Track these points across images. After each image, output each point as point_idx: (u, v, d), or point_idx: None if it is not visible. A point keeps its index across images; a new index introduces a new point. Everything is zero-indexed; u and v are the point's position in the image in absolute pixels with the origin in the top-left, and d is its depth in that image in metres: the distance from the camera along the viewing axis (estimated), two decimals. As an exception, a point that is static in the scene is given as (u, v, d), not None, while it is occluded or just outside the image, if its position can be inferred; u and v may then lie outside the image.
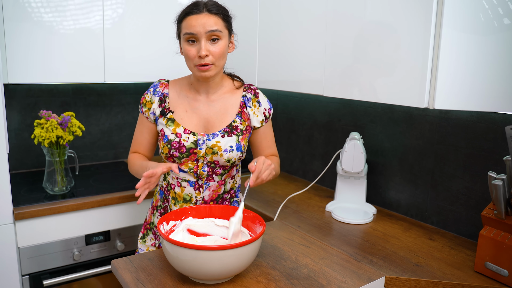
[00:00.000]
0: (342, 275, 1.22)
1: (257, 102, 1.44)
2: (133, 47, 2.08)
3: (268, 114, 1.46)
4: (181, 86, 1.44)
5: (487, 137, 1.45)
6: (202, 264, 1.05)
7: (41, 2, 1.82)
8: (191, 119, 1.39)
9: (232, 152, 1.37)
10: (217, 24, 1.29)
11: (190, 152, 1.36)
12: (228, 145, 1.36)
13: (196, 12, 1.29)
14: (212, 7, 1.30)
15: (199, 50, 1.28)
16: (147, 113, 1.42)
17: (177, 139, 1.35)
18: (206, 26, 1.27)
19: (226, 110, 1.41)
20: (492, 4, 1.15)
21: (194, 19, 1.28)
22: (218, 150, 1.36)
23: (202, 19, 1.28)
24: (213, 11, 1.29)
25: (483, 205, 1.48)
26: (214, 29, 1.28)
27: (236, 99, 1.43)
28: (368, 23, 1.41)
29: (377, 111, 1.82)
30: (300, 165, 2.28)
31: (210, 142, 1.36)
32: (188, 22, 1.29)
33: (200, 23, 1.27)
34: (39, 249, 1.77)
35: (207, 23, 1.27)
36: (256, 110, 1.44)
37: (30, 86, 2.21)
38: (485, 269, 1.26)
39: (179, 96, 1.42)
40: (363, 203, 1.79)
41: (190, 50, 1.30)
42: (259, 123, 1.44)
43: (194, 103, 1.41)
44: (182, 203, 1.41)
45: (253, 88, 1.46)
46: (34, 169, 2.29)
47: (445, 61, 1.21)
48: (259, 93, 1.46)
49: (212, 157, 1.36)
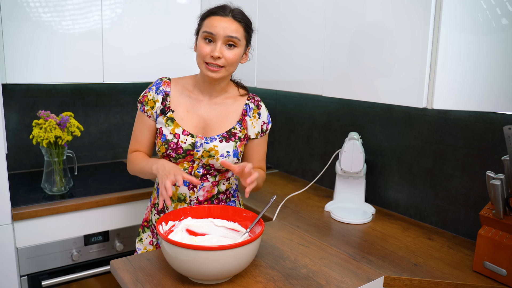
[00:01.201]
0: (341, 275, 1.22)
1: (257, 113, 1.45)
2: (132, 47, 2.07)
3: (265, 128, 1.47)
4: (184, 86, 1.43)
5: (485, 137, 1.46)
6: (201, 264, 1.05)
7: (39, 2, 1.82)
8: (191, 120, 1.39)
9: (229, 158, 1.37)
10: (238, 32, 1.30)
11: (187, 154, 1.36)
12: (225, 150, 1.37)
13: (221, 14, 1.30)
14: (237, 15, 1.31)
15: (213, 50, 1.29)
16: (149, 111, 1.40)
17: (175, 140, 1.35)
18: (227, 30, 1.28)
19: (227, 115, 1.41)
20: (490, 4, 1.15)
21: (217, 20, 1.29)
22: (215, 154, 1.36)
23: (225, 23, 1.29)
24: (237, 18, 1.31)
25: (481, 204, 1.48)
26: (234, 35, 1.29)
27: (238, 106, 1.44)
28: (367, 23, 1.41)
29: (376, 111, 1.82)
30: (299, 165, 2.28)
31: (207, 146, 1.36)
32: (211, 22, 1.30)
33: (222, 26, 1.28)
34: (37, 249, 1.77)
35: (228, 27, 1.29)
36: (255, 121, 1.44)
37: (28, 86, 2.20)
38: (483, 268, 1.26)
39: (181, 95, 1.41)
40: (362, 203, 1.79)
41: (204, 47, 1.30)
42: (254, 134, 1.45)
43: (195, 104, 1.41)
44: (176, 203, 1.41)
45: (257, 99, 1.47)
46: (33, 169, 2.28)
47: (443, 61, 1.21)
48: (262, 106, 1.47)
49: (208, 160, 1.36)
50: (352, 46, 1.47)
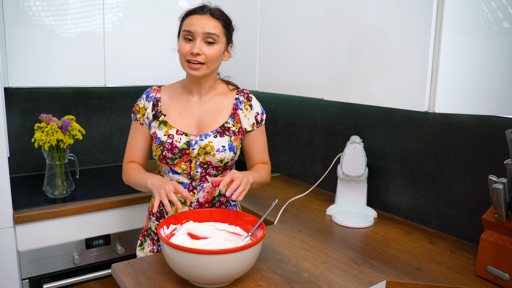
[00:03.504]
0: (343, 279, 1.22)
1: (249, 105, 1.46)
2: (133, 50, 2.08)
3: (260, 119, 1.48)
4: (174, 90, 1.46)
5: (487, 141, 1.45)
6: (202, 268, 1.05)
7: (41, 5, 1.83)
8: (183, 120, 1.41)
9: (225, 152, 1.38)
10: (216, 28, 1.33)
11: (183, 153, 1.36)
12: (221, 145, 1.38)
13: (199, 13, 1.33)
14: (215, 12, 1.35)
15: (192, 48, 1.31)
16: (141, 119, 1.43)
17: (170, 140, 1.36)
18: (205, 28, 1.31)
19: (218, 111, 1.43)
20: (491, 8, 1.15)
21: (196, 18, 1.33)
22: (210, 150, 1.36)
23: (203, 20, 1.32)
24: (215, 16, 1.34)
25: (484, 208, 1.48)
26: (212, 32, 1.32)
27: (229, 101, 1.45)
28: (368, 27, 1.42)
29: (378, 114, 1.82)
30: (301, 168, 2.28)
31: (202, 142, 1.37)
32: (189, 21, 1.33)
33: (200, 23, 1.31)
34: (39, 253, 1.77)
35: (206, 24, 1.32)
36: (248, 113, 1.45)
37: (30, 90, 2.21)
38: (486, 273, 1.26)
39: (172, 99, 1.44)
40: (363, 206, 1.78)
41: (184, 46, 1.33)
42: (250, 126, 1.46)
43: (186, 104, 1.43)
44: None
45: (246, 92, 1.48)
46: (35, 172, 2.28)
47: (445, 64, 1.21)
48: (252, 97, 1.49)
49: (204, 158, 1.37)
50: (353, 50, 1.47)
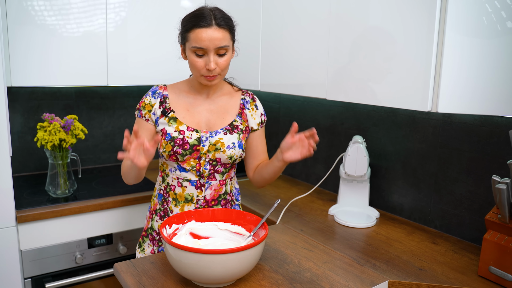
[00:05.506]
0: (345, 279, 1.22)
1: (254, 105, 1.50)
2: (136, 50, 2.08)
3: (263, 119, 1.52)
4: (180, 89, 1.46)
5: (490, 141, 1.45)
6: (205, 267, 1.05)
7: (44, 5, 1.83)
8: (193, 118, 1.41)
9: (235, 149, 1.39)
10: (225, 39, 1.30)
11: (193, 149, 1.36)
12: (231, 142, 1.39)
13: (204, 26, 1.27)
14: (220, 21, 1.29)
15: (207, 63, 1.30)
16: (147, 115, 1.41)
17: (181, 136, 1.36)
18: (215, 42, 1.28)
19: (226, 110, 1.45)
20: (495, 8, 1.15)
21: (204, 32, 1.27)
22: (221, 147, 1.37)
23: (212, 34, 1.27)
24: (221, 25, 1.29)
25: (486, 209, 1.47)
26: (223, 45, 1.30)
27: (235, 101, 1.48)
28: (371, 27, 1.41)
29: (380, 114, 1.82)
30: (303, 168, 2.27)
31: (213, 139, 1.38)
32: (197, 36, 1.28)
33: (210, 38, 1.27)
34: (41, 252, 1.77)
35: (216, 38, 1.28)
36: (254, 112, 1.49)
37: (33, 89, 2.21)
38: (489, 273, 1.25)
39: (179, 97, 1.44)
40: (366, 206, 1.78)
41: (197, 61, 1.31)
42: (256, 125, 1.49)
43: (194, 103, 1.43)
44: (183, 204, 1.40)
45: (250, 93, 1.52)
46: (37, 172, 2.29)
47: (448, 64, 1.21)
48: (257, 99, 1.53)
49: (214, 154, 1.37)
50: (356, 50, 1.47)
